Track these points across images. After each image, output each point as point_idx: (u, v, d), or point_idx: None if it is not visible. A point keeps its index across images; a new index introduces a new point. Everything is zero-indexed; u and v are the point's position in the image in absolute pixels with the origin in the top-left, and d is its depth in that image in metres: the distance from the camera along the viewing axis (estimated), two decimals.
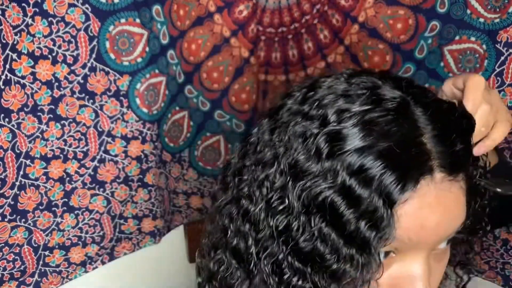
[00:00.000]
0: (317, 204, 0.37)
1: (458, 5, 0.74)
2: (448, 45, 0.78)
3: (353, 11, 0.81)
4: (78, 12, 0.67)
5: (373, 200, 0.35)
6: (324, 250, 0.37)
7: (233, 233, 0.44)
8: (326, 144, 0.37)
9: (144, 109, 0.77)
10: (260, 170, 0.42)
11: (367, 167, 0.35)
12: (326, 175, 0.37)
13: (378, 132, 0.36)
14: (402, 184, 0.35)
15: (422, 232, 0.37)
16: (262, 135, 0.44)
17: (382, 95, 0.38)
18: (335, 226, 0.36)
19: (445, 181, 0.37)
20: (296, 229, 0.38)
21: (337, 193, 0.36)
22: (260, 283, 0.42)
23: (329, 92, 0.40)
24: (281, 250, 0.40)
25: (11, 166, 0.68)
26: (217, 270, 0.46)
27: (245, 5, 0.81)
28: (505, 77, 0.73)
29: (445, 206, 0.38)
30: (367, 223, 0.35)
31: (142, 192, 0.84)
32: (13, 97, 0.65)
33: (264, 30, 0.84)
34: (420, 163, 0.36)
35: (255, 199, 0.42)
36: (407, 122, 0.37)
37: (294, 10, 0.83)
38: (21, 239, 0.73)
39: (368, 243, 0.36)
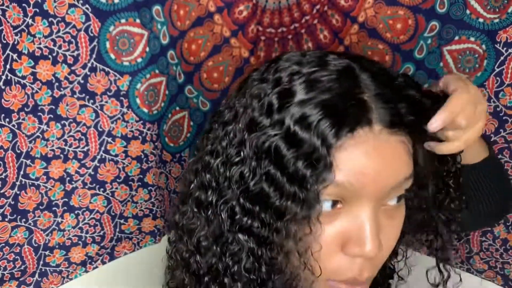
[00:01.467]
0: (265, 150, 0.42)
1: (457, 5, 0.74)
2: (447, 45, 0.78)
3: (353, 11, 0.81)
4: (79, 12, 0.68)
5: (312, 142, 0.40)
6: (269, 189, 0.42)
7: (196, 185, 0.49)
8: (277, 100, 0.43)
9: (144, 109, 0.78)
10: (221, 128, 0.48)
11: (307, 115, 0.40)
12: (275, 126, 0.42)
13: (321, 87, 0.42)
14: (336, 129, 0.40)
15: (362, 178, 0.41)
16: (228, 102, 0.50)
17: (329, 61, 0.44)
18: (279, 167, 0.41)
19: (384, 133, 0.42)
20: (247, 175, 0.43)
21: (282, 139, 0.41)
22: (216, 227, 0.46)
23: (285, 62, 0.46)
24: (234, 196, 0.44)
25: (12, 166, 0.68)
26: (181, 220, 0.51)
27: (245, 5, 0.81)
28: (504, 77, 0.74)
29: (383, 156, 0.42)
30: (305, 162, 0.40)
31: (142, 192, 0.84)
32: (14, 97, 0.66)
33: (264, 30, 0.85)
34: (358, 114, 0.41)
35: (216, 154, 0.47)
36: (349, 81, 0.42)
37: (294, 10, 0.83)
38: (21, 239, 0.73)
39: (306, 180, 0.40)
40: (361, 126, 0.41)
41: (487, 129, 0.78)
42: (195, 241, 0.48)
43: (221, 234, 0.46)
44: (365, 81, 0.43)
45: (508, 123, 0.76)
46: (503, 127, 0.76)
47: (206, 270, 0.47)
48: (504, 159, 0.78)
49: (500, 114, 0.76)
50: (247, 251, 0.44)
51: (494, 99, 0.76)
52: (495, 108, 0.76)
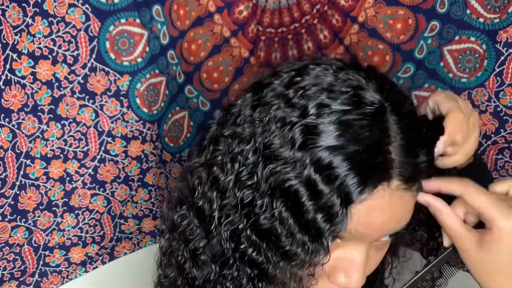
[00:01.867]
0: (282, 189, 0.39)
1: (458, 5, 0.74)
2: (448, 45, 0.78)
3: (353, 11, 0.81)
4: (78, 12, 0.68)
5: (332, 197, 0.38)
6: (280, 232, 0.40)
7: (200, 194, 0.47)
8: (301, 134, 0.39)
9: (144, 109, 0.78)
10: (236, 143, 0.44)
11: (333, 166, 0.38)
12: (296, 164, 0.39)
13: (351, 134, 0.38)
14: (362, 188, 0.38)
15: (369, 228, 0.41)
16: (244, 109, 0.45)
17: (363, 98, 0.40)
18: (294, 213, 0.39)
19: (400, 189, 0.40)
20: (259, 207, 0.41)
21: (302, 183, 0.38)
22: (217, 244, 0.45)
23: (315, 83, 0.42)
24: (241, 221, 0.43)
25: (12, 166, 0.68)
26: (180, 223, 0.50)
27: (245, 5, 0.81)
28: (504, 77, 0.73)
29: (395, 211, 0.41)
30: (323, 217, 0.38)
31: (142, 192, 0.84)
32: (14, 97, 0.66)
33: (264, 30, 0.84)
34: (382, 171, 0.39)
35: (226, 170, 0.44)
36: (380, 129, 0.39)
37: (294, 10, 0.83)
38: (21, 239, 0.73)
39: (321, 234, 0.39)
40: (381, 183, 0.39)
41: (488, 129, 0.78)
42: (192, 249, 0.48)
43: (221, 253, 0.45)
44: (393, 128, 0.40)
45: (508, 123, 0.76)
46: (503, 127, 0.76)
47: (202, 283, 0.47)
48: (504, 159, 0.78)
49: (501, 114, 0.76)
50: (247, 279, 0.44)
51: (494, 99, 0.76)
52: (496, 108, 0.76)
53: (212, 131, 0.49)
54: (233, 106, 0.48)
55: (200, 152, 0.50)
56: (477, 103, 0.78)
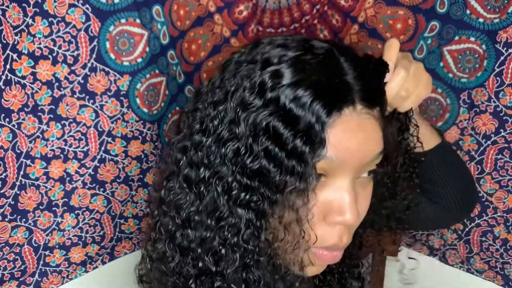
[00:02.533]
0: (262, 128, 0.44)
1: (457, 5, 0.74)
2: (447, 45, 0.78)
3: (353, 11, 0.81)
4: (79, 12, 0.68)
5: (307, 119, 0.43)
6: (269, 165, 0.44)
7: (185, 163, 0.50)
8: (269, 80, 0.45)
9: (144, 109, 0.78)
10: (212, 107, 0.49)
11: (301, 95, 0.44)
12: (269, 105, 0.44)
13: (310, 70, 0.45)
14: (328, 108, 0.44)
15: (347, 152, 0.45)
16: (213, 83, 0.52)
17: (312, 45, 0.48)
18: (277, 144, 0.44)
19: (364, 111, 0.46)
20: (244, 152, 0.45)
21: (279, 117, 0.44)
22: (210, 202, 0.48)
23: (269, 44, 0.49)
24: (230, 172, 0.46)
25: (12, 166, 0.68)
26: (167, 195, 0.52)
27: (245, 5, 0.81)
28: (504, 77, 0.74)
29: (364, 132, 0.46)
30: (302, 139, 0.43)
31: (142, 192, 0.84)
32: (14, 97, 0.66)
33: (264, 30, 0.85)
34: (344, 95, 0.45)
35: (207, 132, 0.48)
36: (333, 64, 0.47)
37: (294, 11, 0.83)
38: (21, 239, 0.73)
39: (305, 156, 0.43)
40: (347, 106, 0.45)
41: (488, 129, 0.78)
42: (185, 216, 0.50)
43: (215, 208, 0.48)
44: (344, 64, 0.47)
45: (508, 123, 0.76)
46: (503, 127, 0.76)
47: (198, 242, 0.49)
48: (504, 159, 0.78)
49: (500, 114, 0.76)
50: (246, 223, 0.46)
51: (494, 99, 0.76)
52: (495, 108, 0.76)
53: (186, 111, 0.54)
54: (201, 86, 0.54)
55: (178, 131, 0.54)
56: (477, 103, 0.78)
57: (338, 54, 0.47)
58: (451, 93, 0.81)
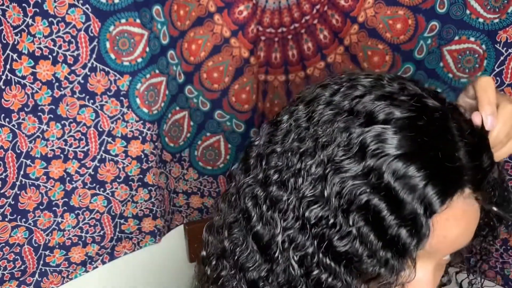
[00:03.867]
0: (358, 204, 0.36)
1: (457, 5, 0.74)
2: (447, 45, 0.78)
3: (353, 11, 0.81)
4: (79, 12, 0.68)
5: (415, 207, 0.35)
6: (361, 251, 0.37)
7: (257, 217, 0.43)
8: (371, 143, 0.37)
9: (144, 109, 0.78)
10: (296, 158, 0.40)
11: (411, 174, 0.35)
12: (369, 175, 0.36)
13: (423, 141, 0.36)
14: (443, 197, 0.36)
15: (443, 242, 0.38)
16: (296, 121, 0.42)
17: (426, 104, 0.39)
18: (375, 228, 0.36)
19: (471, 196, 0.38)
20: (331, 226, 0.38)
21: (380, 195, 0.36)
22: (282, 273, 0.41)
23: (371, 91, 0.40)
24: (312, 244, 0.39)
25: (12, 166, 0.68)
26: (233, 249, 0.45)
27: (245, 5, 0.81)
28: (504, 77, 0.73)
29: (467, 220, 0.39)
30: (408, 230, 0.35)
31: (142, 191, 0.84)
32: (14, 97, 0.66)
33: (264, 30, 0.85)
34: (457, 178, 0.37)
35: (288, 188, 0.40)
36: (447, 135, 0.38)
37: (294, 11, 0.83)
38: (21, 239, 0.73)
39: (407, 250, 0.36)
40: (456, 191, 0.37)
41: None
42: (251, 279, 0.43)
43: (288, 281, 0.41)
44: (456, 134, 0.38)
45: None
46: None
47: None
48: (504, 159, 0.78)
49: None
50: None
51: None
52: None
53: (258, 147, 0.45)
54: (280, 121, 0.44)
55: (246, 171, 0.46)
56: None
57: (451, 120, 0.39)
58: (451, 93, 0.81)
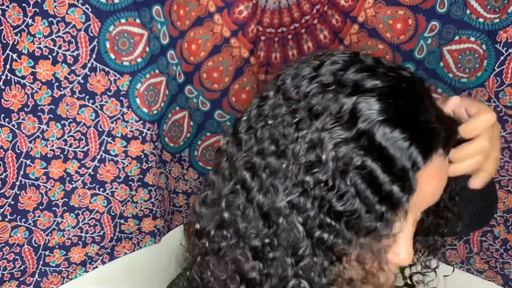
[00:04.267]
0: (354, 166, 0.39)
1: (457, 5, 0.74)
2: (447, 45, 0.78)
3: (353, 11, 0.81)
4: (78, 12, 0.68)
5: (404, 163, 0.39)
6: (359, 208, 0.40)
7: (257, 186, 0.45)
8: (360, 110, 0.40)
9: (144, 109, 0.78)
10: (292, 128, 0.42)
11: (397, 136, 0.39)
12: (360, 138, 0.40)
13: (404, 106, 0.41)
14: (425, 154, 0.40)
15: (422, 196, 0.42)
16: (284, 95, 0.44)
17: (402, 74, 0.43)
18: (370, 186, 0.39)
19: (443, 155, 0.43)
20: (330, 188, 0.40)
21: (373, 156, 0.39)
22: (286, 236, 0.43)
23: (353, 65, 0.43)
24: (312, 207, 0.41)
25: (12, 166, 0.68)
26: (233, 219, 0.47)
27: (245, 5, 0.81)
28: (504, 77, 0.73)
29: (440, 176, 0.43)
30: (400, 185, 0.39)
31: (142, 192, 0.84)
32: (14, 97, 0.66)
33: (264, 30, 0.85)
34: (434, 138, 0.41)
35: (287, 156, 0.42)
36: (422, 100, 0.42)
37: (294, 11, 0.83)
38: (21, 239, 0.73)
39: (399, 202, 0.40)
40: (435, 150, 0.41)
41: None
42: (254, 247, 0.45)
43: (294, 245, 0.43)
44: (427, 101, 0.43)
45: (508, 123, 0.76)
46: (503, 127, 0.76)
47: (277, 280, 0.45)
48: (504, 159, 0.78)
49: (500, 114, 0.76)
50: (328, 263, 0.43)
51: (494, 99, 0.76)
52: (495, 108, 0.76)
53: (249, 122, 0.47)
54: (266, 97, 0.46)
55: (238, 145, 0.47)
56: None
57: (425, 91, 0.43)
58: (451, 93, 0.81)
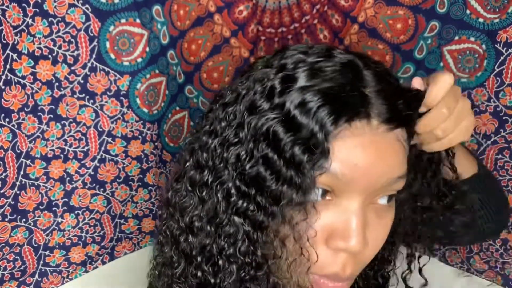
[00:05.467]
0: (263, 133, 0.42)
1: (457, 5, 0.74)
2: (447, 45, 0.78)
3: (353, 11, 0.81)
4: (78, 12, 0.68)
5: (310, 127, 0.40)
6: (266, 173, 0.42)
7: (191, 164, 0.49)
8: (279, 84, 0.43)
9: (145, 109, 0.78)
10: (221, 109, 0.47)
11: (307, 101, 0.41)
12: (275, 109, 0.42)
13: (323, 76, 0.42)
14: (335, 116, 0.40)
15: (355, 170, 0.41)
16: (231, 86, 0.50)
17: (335, 54, 0.45)
18: (276, 151, 0.41)
19: (381, 128, 0.42)
20: (244, 158, 0.43)
21: (281, 122, 0.41)
22: (211, 208, 0.46)
23: (292, 50, 0.46)
24: (230, 178, 0.44)
25: (12, 166, 0.68)
26: (173, 197, 0.51)
27: (245, 5, 0.81)
28: (504, 77, 0.74)
29: (379, 151, 0.42)
30: (302, 147, 0.40)
31: (142, 192, 0.84)
32: (14, 97, 0.66)
33: (264, 30, 0.85)
34: (357, 105, 0.41)
35: (214, 134, 0.47)
36: (352, 74, 0.43)
37: (294, 11, 0.83)
38: (21, 239, 0.73)
39: (302, 165, 0.40)
40: (359, 118, 0.41)
41: (487, 129, 0.78)
42: (188, 220, 0.48)
43: (215, 215, 0.45)
44: (368, 77, 0.43)
45: (508, 123, 0.76)
46: (503, 127, 0.76)
47: (199, 250, 0.47)
48: (504, 159, 0.78)
49: (500, 114, 0.76)
50: (242, 234, 0.44)
51: (494, 99, 0.76)
52: (495, 108, 0.76)
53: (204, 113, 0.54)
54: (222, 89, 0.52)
55: (194, 132, 0.54)
56: (477, 103, 0.78)
57: (363, 67, 0.44)
58: None
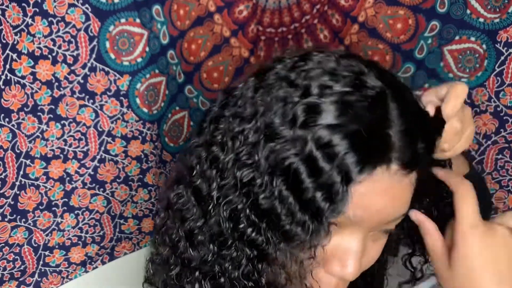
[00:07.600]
0: (282, 168, 0.39)
1: (458, 5, 0.74)
2: (448, 45, 0.78)
3: (353, 11, 0.81)
4: (78, 12, 0.67)
5: (333, 175, 0.38)
6: (280, 211, 0.40)
7: (198, 174, 0.47)
8: (303, 113, 0.39)
9: (144, 109, 0.78)
10: (237, 123, 0.44)
11: (333, 144, 0.38)
12: (296, 142, 0.39)
13: (352, 114, 0.39)
14: (361, 166, 0.38)
15: (367, 212, 0.41)
16: (246, 91, 0.46)
17: (365, 82, 0.41)
18: (294, 191, 0.39)
19: (399, 173, 0.40)
20: (258, 186, 0.41)
21: (302, 161, 0.39)
22: (215, 225, 0.44)
23: (317, 67, 0.42)
24: (241, 201, 0.42)
25: (11, 166, 0.68)
26: (175, 202, 0.49)
27: (245, 5, 0.81)
28: (505, 77, 0.73)
29: (392, 195, 0.41)
30: (323, 195, 0.38)
31: (142, 192, 0.84)
32: (13, 97, 0.66)
33: (264, 30, 0.84)
34: (381, 152, 0.39)
35: (226, 149, 0.44)
36: (380, 111, 0.40)
37: (294, 10, 0.83)
38: (21, 239, 0.73)
39: (321, 213, 0.39)
40: (380, 165, 0.39)
41: (488, 129, 0.78)
42: (188, 229, 0.46)
43: (220, 233, 0.44)
44: (393, 112, 0.40)
45: (508, 123, 0.76)
46: (503, 127, 0.76)
47: (198, 263, 0.46)
48: (504, 159, 0.78)
49: (501, 114, 0.76)
50: (247, 261, 0.43)
51: (494, 99, 0.76)
52: (496, 108, 0.76)
53: (212, 112, 0.49)
54: (234, 89, 0.48)
55: (200, 132, 0.50)
56: (477, 103, 0.78)
57: (391, 99, 0.41)
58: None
